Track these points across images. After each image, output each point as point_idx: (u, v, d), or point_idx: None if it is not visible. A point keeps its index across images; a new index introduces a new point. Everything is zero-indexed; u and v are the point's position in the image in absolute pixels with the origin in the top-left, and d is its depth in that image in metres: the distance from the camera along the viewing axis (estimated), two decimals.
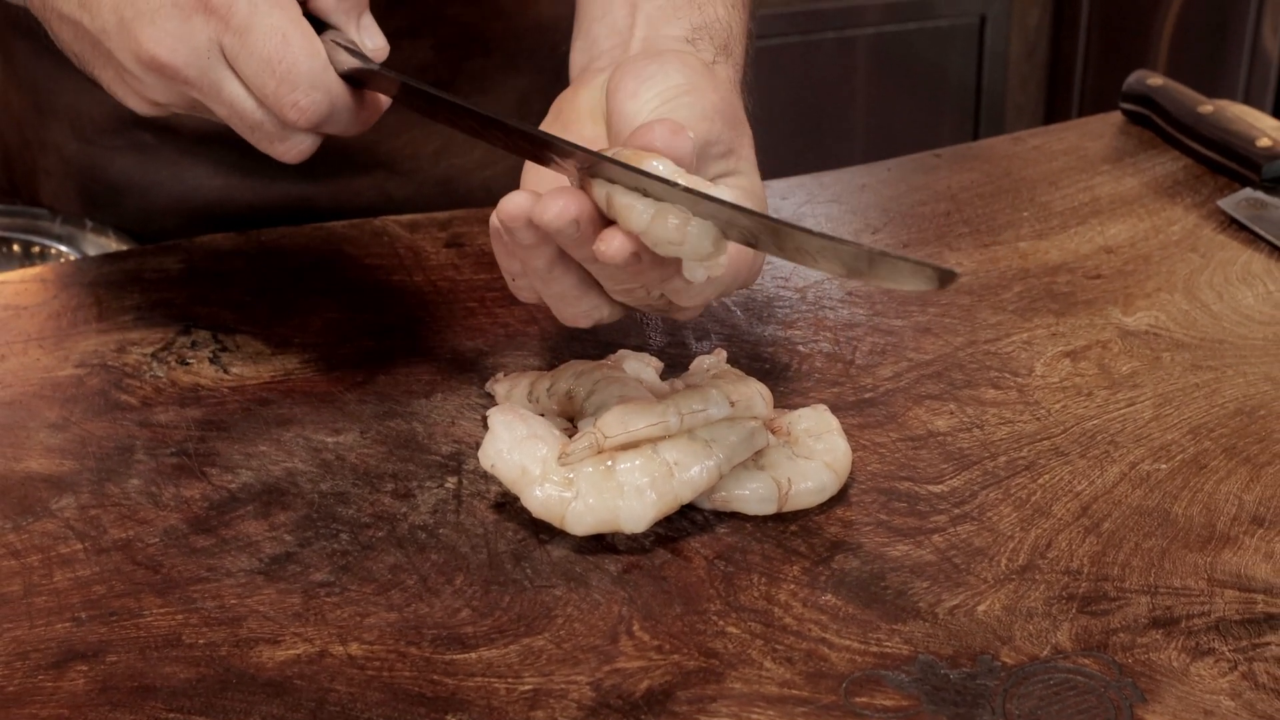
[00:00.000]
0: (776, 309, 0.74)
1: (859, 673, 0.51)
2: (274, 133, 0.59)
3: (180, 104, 0.60)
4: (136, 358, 0.70)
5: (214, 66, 0.57)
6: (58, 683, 0.51)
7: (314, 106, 0.57)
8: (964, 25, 2.36)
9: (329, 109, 0.58)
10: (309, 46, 0.57)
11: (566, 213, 0.52)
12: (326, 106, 0.58)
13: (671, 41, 0.61)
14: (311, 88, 0.57)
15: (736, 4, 0.65)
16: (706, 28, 0.62)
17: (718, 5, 0.63)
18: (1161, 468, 0.61)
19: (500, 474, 0.57)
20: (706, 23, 0.62)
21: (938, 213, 0.84)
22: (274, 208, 0.88)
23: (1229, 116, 0.88)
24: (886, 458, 0.62)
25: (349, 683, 0.51)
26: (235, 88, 0.58)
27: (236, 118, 0.59)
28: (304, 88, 0.57)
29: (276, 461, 0.63)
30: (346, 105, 0.59)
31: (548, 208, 0.52)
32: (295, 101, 0.57)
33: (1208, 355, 0.70)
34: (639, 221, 0.51)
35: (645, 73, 0.57)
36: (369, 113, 0.61)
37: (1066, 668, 0.51)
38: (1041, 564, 0.56)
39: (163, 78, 0.58)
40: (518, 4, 0.89)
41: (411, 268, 0.78)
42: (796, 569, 0.56)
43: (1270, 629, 0.52)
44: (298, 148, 0.60)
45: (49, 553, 0.57)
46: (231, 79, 0.58)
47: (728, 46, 0.62)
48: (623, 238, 0.52)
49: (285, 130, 0.59)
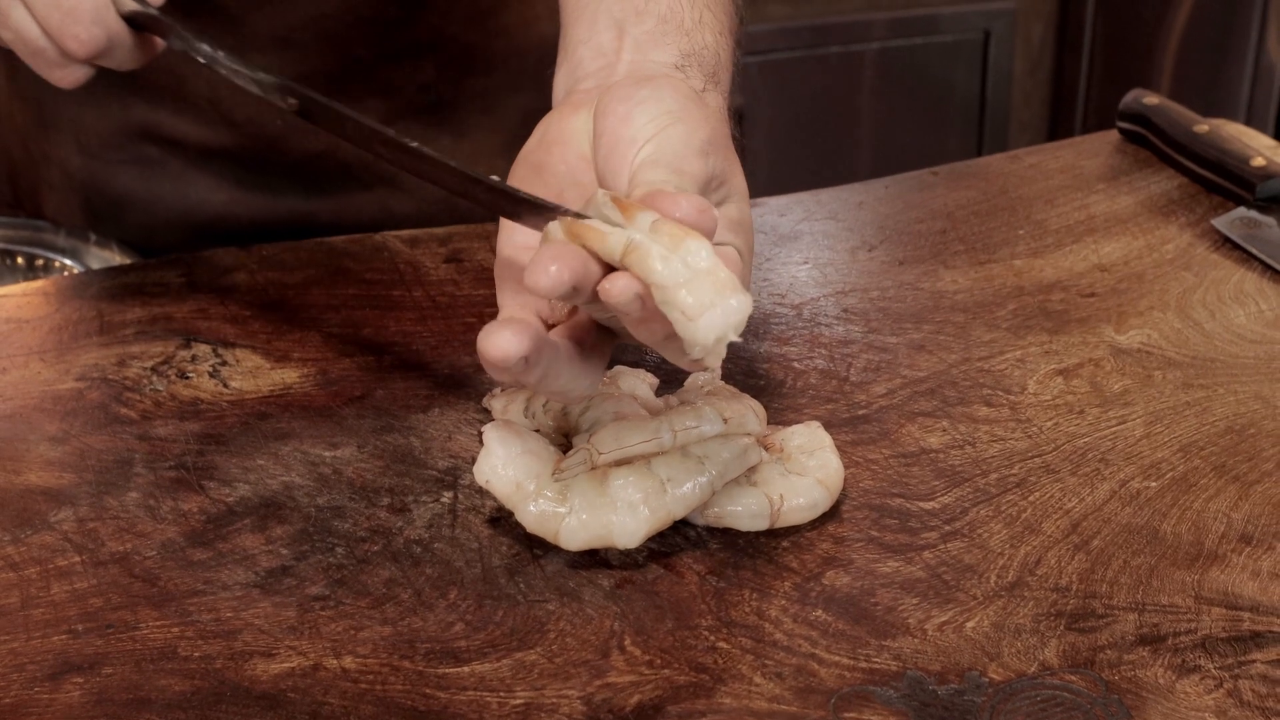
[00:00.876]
0: (772, 325, 0.75)
1: (848, 688, 0.51)
2: (54, 60, 0.65)
3: None
4: (137, 371, 0.71)
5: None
6: (53, 695, 0.51)
7: (93, 40, 0.63)
8: (968, 41, 2.37)
9: (107, 43, 0.63)
10: None
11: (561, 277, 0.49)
12: (105, 41, 0.63)
13: (660, 67, 0.60)
14: (92, 23, 0.62)
15: (724, 31, 0.64)
16: (695, 54, 0.61)
17: (706, 32, 0.63)
18: (1151, 485, 0.62)
19: (495, 489, 0.57)
20: (695, 49, 0.61)
21: (934, 230, 0.85)
22: (277, 223, 0.89)
23: (1224, 136, 0.88)
24: (879, 474, 0.63)
25: (342, 696, 0.51)
26: (22, 15, 0.63)
27: (20, 43, 0.64)
28: (85, 23, 0.62)
29: (274, 475, 0.63)
30: (125, 43, 0.64)
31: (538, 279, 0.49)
32: (76, 34, 0.63)
33: (1199, 374, 0.70)
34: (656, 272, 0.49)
35: (637, 96, 0.56)
36: (145, 54, 0.66)
37: (1053, 684, 0.51)
38: (1031, 581, 0.56)
39: None
40: (520, 24, 0.90)
41: (411, 283, 0.79)
42: (788, 585, 0.56)
43: (1256, 646, 0.53)
44: (73, 75, 0.66)
45: (47, 565, 0.58)
46: (19, 7, 0.63)
47: (716, 74, 0.62)
48: (627, 279, 0.49)
49: (65, 59, 0.65)
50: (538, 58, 0.90)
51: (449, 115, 0.90)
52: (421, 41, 0.87)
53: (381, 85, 0.88)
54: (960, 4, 2.34)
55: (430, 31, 0.87)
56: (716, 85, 0.62)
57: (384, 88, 0.88)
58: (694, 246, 0.49)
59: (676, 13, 0.62)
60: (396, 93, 0.88)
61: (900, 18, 2.31)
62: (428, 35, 0.87)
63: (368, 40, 0.86)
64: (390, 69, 0.88)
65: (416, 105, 0.89)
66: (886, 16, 2.31)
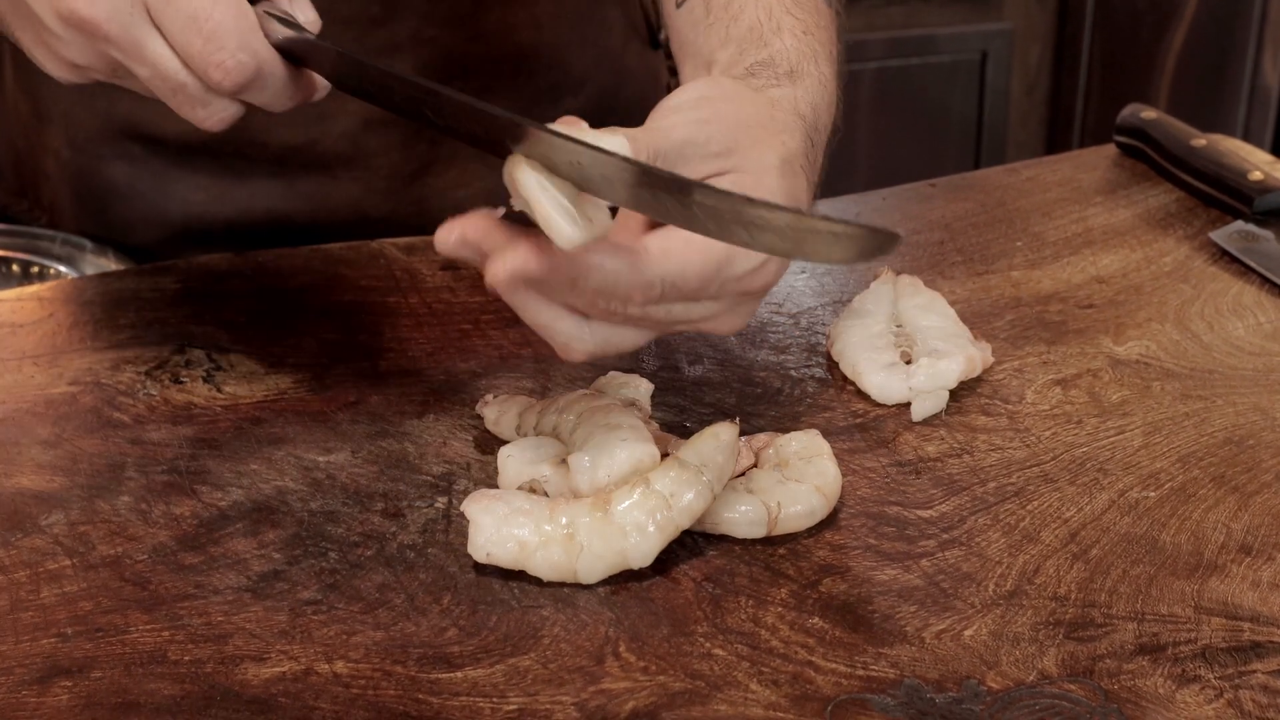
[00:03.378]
0: (770, 334, 0.74)
1: (845, 696, 0.51)
2: (197, 96, 0.57)
3: (100, 67, 0.58)
4: (130, 376, 0.70)
5: (137, 23, 0.56)
6: (41, 698, 0.51)
7: (240, 68, 0.56)
8: (966, 61, 2.37)
9: (255, 72, 0.56)
10: (237, 5, 0.55)
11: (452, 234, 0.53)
12: (253, 69, 0.56)
13: (729, 75, 0.64)
14: (239, 48, 0.55)
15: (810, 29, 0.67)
16: (769, 61, 0.64)
17: (785, 36, 0.66)
18: (1150, 495, 0.61)
19: (499, 560, 0.56)
20: (771, 56, 0.64)
21: (932, 241, 0.85)
22: (254, 222, 0.89)
23: (1221, 150, 0.88)
24: (876, 482, 0.63)
25: (334, 701, 0.51)
26: (159, 46, 0.56)
27: (159, 79, 0.57)
28: (230, 48, 0.55)
29: (267, 480, 0.63)
30: (276, 73, 0.57)
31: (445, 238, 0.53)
32: (221, 61, 0.55)
33: (1198, 385, 0.70)
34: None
35: (678, 90, 0.60)
36: (302, 91, 0.59)
37: (1052, 693, 0.51)
38: (1029, 590, 0.56)
39: (82, 34, 0.56)
40: (499, 29, 0.90)
41: (407, 289, 0.78)
42: (784, 592, 0.56)
43: (1256, 656, 0.52)
44: (219, 114, 0.58)
45: (37, 568, 0.57)
46: (155, 36, 0.56)
47: (794, 71, 0.64)
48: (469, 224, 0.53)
49: (209, 94, 0.57)
50: (515, 64, 0.91)
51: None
52: (401, 43, 0.87)
53: None
54: (957, 24, 2.34)
55: (409, 32, 0.87)
56: (792, 80, 0.64)
57: None
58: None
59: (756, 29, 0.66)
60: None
61: (897, 38, 2.32)
62: (407, 37, 0.87)
63: (346, 41, 0.86)
64: None
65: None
66: (884, 36, 2.31)
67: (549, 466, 0.60)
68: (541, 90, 0.67)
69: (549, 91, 0.91)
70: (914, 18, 2.31)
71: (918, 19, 2.31)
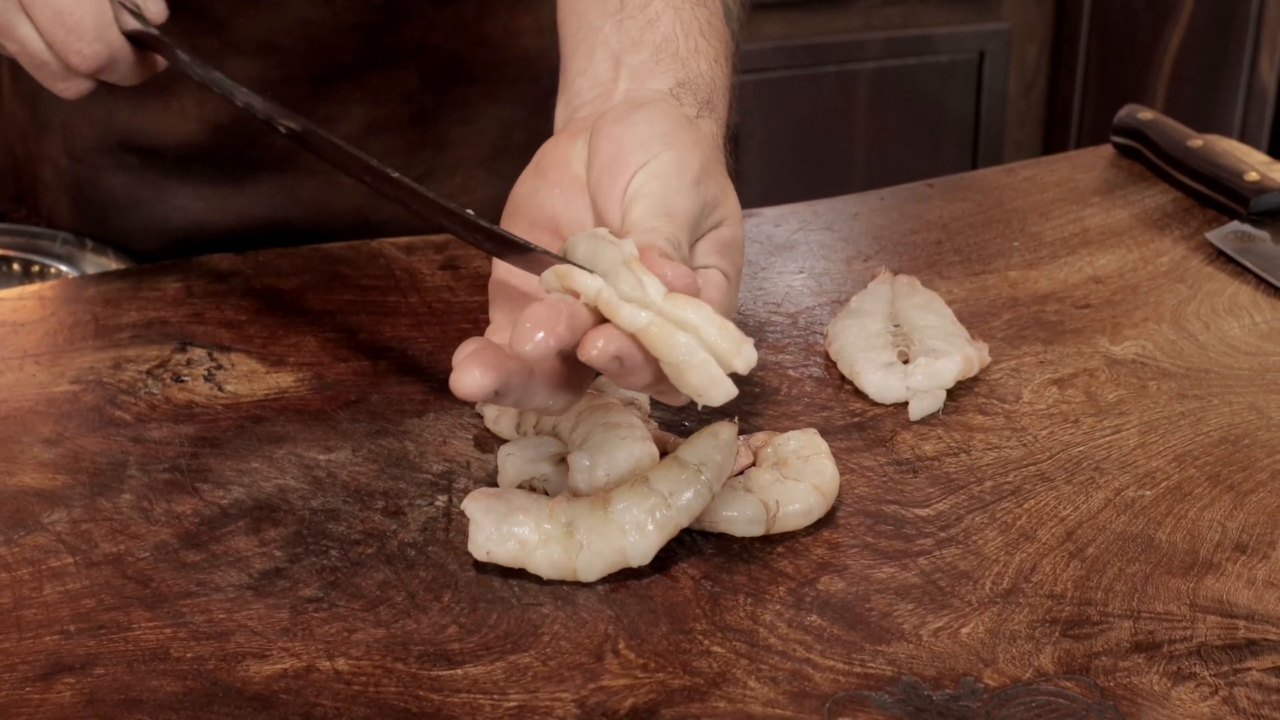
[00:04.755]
0: (768, 333, 0.75)
1: (842, 693, 0.51)
2: (58, 73, 0.68)
3: None
4: (132, 374, 0.70)
5: (10, 8, 0.66)
6: (44, 695, 0.51)
7: (95, 55, 0.66)
8: (963, 61, 2.37)
9: (108, 59, 0.66)
10: (96, 4, 0.65)
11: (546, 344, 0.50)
12: (106, 57, 0.66)
13: (654, 94, 0.61)
14: (95, 39, 0.65)
15: (719, 58, 0.65)
16: (690, 83, 0.62)
17: (701, 61, 0.63)
18: (1146, 494, 0.62)
19: (499, 559, 0.56)
20: (690, 78, 0.62)
21: (929, 241, 0.85)
22: (255, 230, 0.89)
23: (1218, 151, 0.89)
24: (874, 481, 0.63)
25: (335, 698, 0.51)
26: (28, 30, 0.66)
27: (25, 55, 0.67)
28: (88, 39, 0.65)
29: (268, 478, 0.63)
30: (126, 59, 0.67)
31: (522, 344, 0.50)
32: (79, 50, 0.65)
33: (1194, 384, 0.70)
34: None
35: (630, 119, 0.57)
36: (145, 70, 0.69)
37: (1048, 690, 0.51)
38: (1025, 588, 0.56)
39: None
40: (502, 35, 0.90)
41: (407, 289, 0.79)
42: (782, 589, 0.56)
43: (1252, 654, 0.53)
44: (76, 87, 0.69)
45: (39, 566, 0.57)
46: (25, 22, 0.66)
47: (710, 101, 0.63)
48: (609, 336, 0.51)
49: (68, 72, 0.68)
50: (519, 70, 0.91)
51: (431, 126, 0.91)
52: (405, 49, 0.87)
53: (365, 92, 0.88)
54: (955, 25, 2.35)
55: (414, 39, 0.87)
56: (711, 111, 0.62)
57: (367, 95, 0.88)
58: (700, 322, 0.51)
59: (671, 42, 0.63)
60: (380, 100, 0.89)
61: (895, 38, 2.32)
62: (412, 43, 0.87)
63: (352, 46, 0.87)
64: (374, 76, 0.88)
65: (400, 114, 0.89)
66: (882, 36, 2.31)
67: (549, 465, 0.60)
68: (545, 93, 0.67)
69: (552, 96, 0.91)
70: (911, 18, 2.31)
71: (915, 19, 2.31)
